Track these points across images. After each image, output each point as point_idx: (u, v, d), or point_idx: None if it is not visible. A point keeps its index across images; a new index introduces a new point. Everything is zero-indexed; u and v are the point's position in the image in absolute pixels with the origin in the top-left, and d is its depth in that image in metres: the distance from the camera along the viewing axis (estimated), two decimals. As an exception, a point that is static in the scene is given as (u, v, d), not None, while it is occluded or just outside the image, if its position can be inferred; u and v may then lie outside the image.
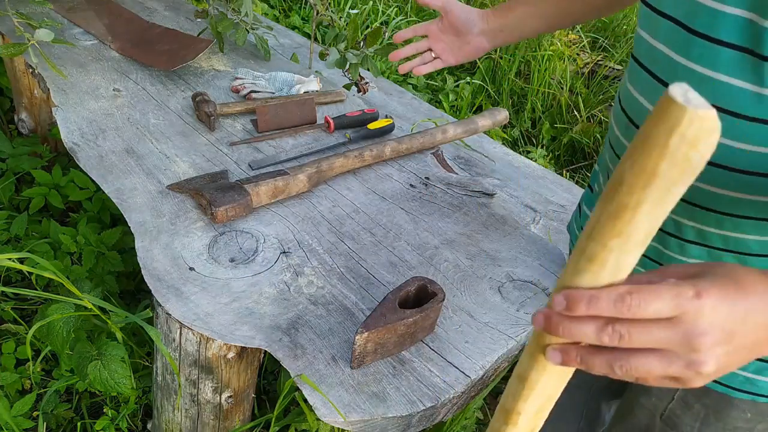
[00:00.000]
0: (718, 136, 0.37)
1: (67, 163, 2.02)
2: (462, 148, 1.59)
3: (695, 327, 0.44)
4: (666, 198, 0.40)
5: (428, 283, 0.98)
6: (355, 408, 0.88)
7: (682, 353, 0.45)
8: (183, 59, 1.62)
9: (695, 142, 0.37)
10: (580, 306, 0.45)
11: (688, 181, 0.39)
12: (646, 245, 0.44)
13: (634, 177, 0.40)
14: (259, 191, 1.19)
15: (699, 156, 0.38)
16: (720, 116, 0.59)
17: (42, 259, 1.07)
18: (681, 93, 0.36)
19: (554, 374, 0.50)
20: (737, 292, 0.46)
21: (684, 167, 0.38)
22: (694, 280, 0.45)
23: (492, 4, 3.43)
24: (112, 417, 1.41)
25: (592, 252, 0.44)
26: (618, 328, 0.45)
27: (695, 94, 0.36)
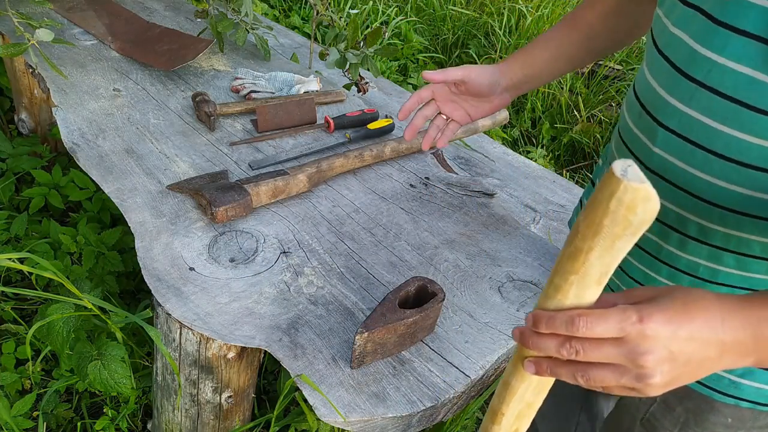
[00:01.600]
0: (654, 203, 0.46)
1: (67, 163, 2.02)
2: (462, 148, 1.59)
3: (638, 347, 0.51)
4: (613, 247, 0.49)
5: (428, 283, 0.98)
6: (355, 408, 0.88)
7: (631, 368, 0.52)
8: (183, 59, 1.62)
9: (632, 207, 0.46)
10: (542, 324, 0.54)
11: (631, 237, 0.48)
12: (600, 284, 0.52)
13: (585, 228, 0.49)
14: (259, 191, 1.19)
15: (638, 218, 0.46)
16: (736, 108, 0.63)
17: (42, 259, 1.07)
18: (621, 168, 0.45)
19: (532, 384, 0.59)
20: (683, 316, 0.52)
21: (625, 225, 0.47)
22: (644, 305, 0.52)
23: (491, 5, 3.43)
24: (112, 417, 1.41)
25: (557, 284, 0.53)
26: (574, 344, 0.53)
27: (635, 169, 0.45)
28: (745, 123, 0.63)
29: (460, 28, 3.43)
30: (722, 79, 0.64)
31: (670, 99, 0.70)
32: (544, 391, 0.61)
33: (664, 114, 0.71)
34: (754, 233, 0.68)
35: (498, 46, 3.25)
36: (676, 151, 0.71)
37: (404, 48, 3.23)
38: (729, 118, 0.64)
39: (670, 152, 0.71)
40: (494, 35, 3.33)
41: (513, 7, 3.35)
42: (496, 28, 3.29)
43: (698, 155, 0.68)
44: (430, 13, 3.54)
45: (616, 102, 3.17)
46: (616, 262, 0.50)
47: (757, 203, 0.65)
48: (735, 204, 0.67)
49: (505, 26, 3.28)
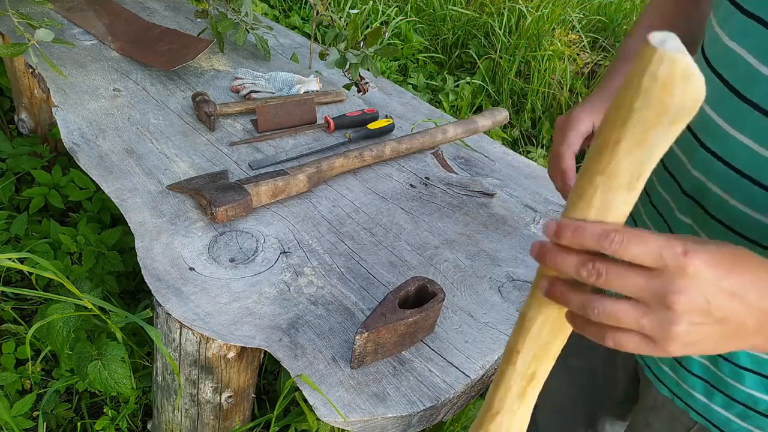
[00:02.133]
0: (696, 84, 0.38)
1: (67, 163, 2.02)
2: (462, 148, 1.59)
3: (673, 283, 0.44)
4: (645, 140, 0.41)
5: (428, 283, 0.98)
6: (355, 408, 0.88)
7: (656, 307, 0.45)
8: (183, 59, 1.62)
9: (668, 85, 0.38)
10: (567, 233, 0.46)
11: (668, 127, 0.40)
12: (632, 189, 0.44)
13: (614, 114, 0.41)
14: (259, 191, 1.19)
15: (676, 102, 0.39)
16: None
17: (42, 259, 1.07)
18: (660, 38, 0.38)
19: (550, 318, 0.52)
20: (732, 267, 0.45)
21: (659, 110, 0.39)
22: (691, 242, 0.45)
23: (491, 5, 3.43)
24: (112, 417, 1.41)
25: (581, 188, 0.45)
26: (598, 265, 0.45)
27: (675, 42, 0.38)
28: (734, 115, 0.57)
29: (460, 28, 3.43)
30: (728, 65, 0.57)
31: (716, 118, 0.62)
32: (564, 333, 0.54)
33: (708, 134, 0.63)
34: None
35: (498, 46, 3.25)
36: (717, 177, 0.62)
37: (404, 48, 3.23)
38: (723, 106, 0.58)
39: (709, 177, 0.63)
40: (494, 35, 3.33)
41: (513, 7, 3.35)
42: (496, 28, 3.29)
43: (741, 185, 0.60)
44: (430, 13, 3.54)
45: (616, 102, 3.17)
46: (650, 162, 0.42)
47: None
48: None
49: (505, 26, 3.28)
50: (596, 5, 3.69)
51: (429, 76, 3.21)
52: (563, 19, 3.41)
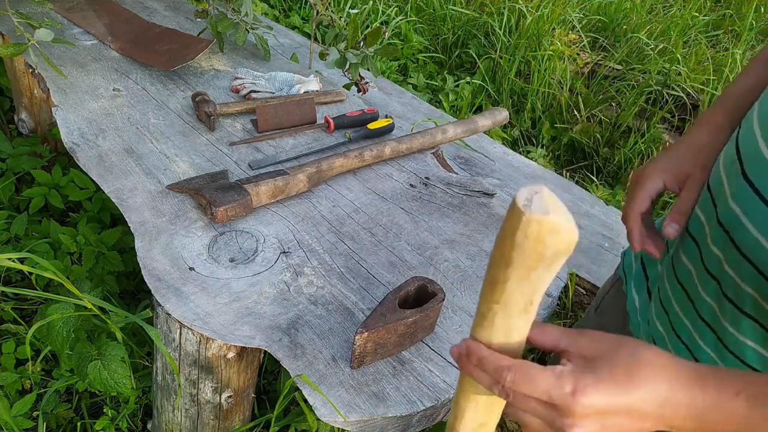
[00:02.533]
0: (565, 235, 0.42)
1: (67, 163, 2.02)
2: (462, 148, 1.59)
3: (565, 417, 0.48)
4: (529, 278, 0.45)
5: (428, 283, 0.98)
6: (355, 408, 0.88)
7: (550, 427, 0.49)
8: (183, 59, 1.62)
9: (540, 240, 0.42)
10: (473, 360, 0.51)
11: (547, 268, 0.44)
12: (527, 312, 0.48)
13: (497, 258, 0.45)
14: (259, 191, 1.19)
15: (550, 251, 0.43)
16: None
17: (42, 259, 1.07)
18: (526, 196, 0.41)
19: (480, 403, 0.55)
20: (624, 387, 0.48)
21: (536, 258, 0.43)
22: (582, 372, 0.48)
23: (491, 5, 3.43)
24: (112, 417, 1.41)
25: (483, 311, 0.49)
26: (506, 387, 0.49)
27: (541, 199, 0.41)
28: None
29: (460, 28, 3.43)
30: None
31: (765, 151, 0.60)
32: (497, 410, 0.57)
33: (752, 165, 0.61)
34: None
35: (498, 46, 3.25)
36: (752, 212, 0.60)
37: (404, 48, 3.23)
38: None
39: (745, 210, 0.61)
40: (494, 35, 3.33)
41: (513, 7, 3.35)
42: (496, 28, 3.29)
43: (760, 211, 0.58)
44: (430, 13, 3.54)
45: (616, 102, 3.17)
46: (539, 292, 0.47)
47: None
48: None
49: (505, 26, 3.28)
50: (596, 5, 3.69)
51: (429, 76, 3.21)
52: (563, 19, 3.41)
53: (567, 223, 0.42)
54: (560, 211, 0.42)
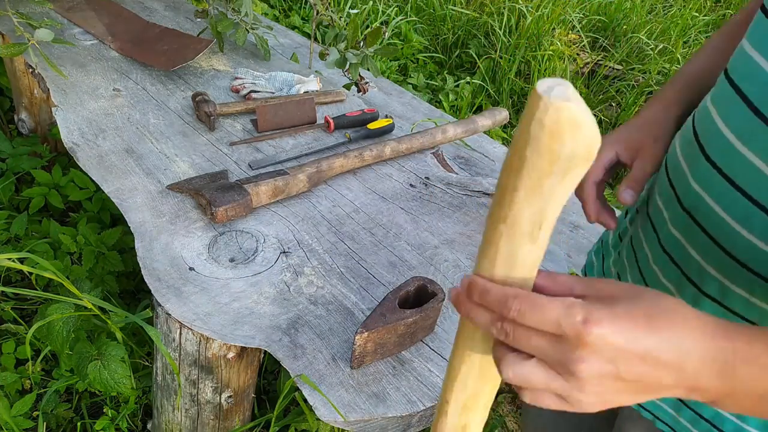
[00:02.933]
0: (587, 132, 0.37)
1: (67, 163, 2.02)
2: (462, 148, 1.59)
3: (573, 351, 0.43)
4: (541, 188, 0.40)
5: (428, 283, 0.98)
6: (355, 408, 0.88)
7: (562, 372, 0.44)
8: (183, 59, 1.62)
9: (557, 133, 0.37)
10: (475, 294, 0.46)
11: (562, 176, 0.39)
12: (534, 240, 0.43)
13: (509, 161, 0.40)
14: (259, 191, 1.19)
15: (566, 150, 0.38)
16: None
17: (42, 259, 1.07)
18: (548, 85, 0.37)
19: (474, 366, 0.50)
20: (643, 329, 0.43)
21: (550, 158, 0.38)
22: (597, 305, 0.43)
23: (491, 5, 3.43)
24: (112, 417, 1.41)
25: (487, 237, 0.44)
26: (505, 325, 0.45)
27: (564, 89, 0.37)
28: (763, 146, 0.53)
29: (460, 28, 3.43)
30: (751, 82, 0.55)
31: (724, 129, 0.60)
32: (492, 381, 0.52)
33: (712, 145, 0.61)
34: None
35: (498, 46, 3.25)
36: (716, 192, 0.60)
37: (404, 48, 3.23)
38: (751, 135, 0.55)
39: (708, 191, 0.61)
40: (494, 35, 3.33)
41: (513, 7, 3.35)
42: (496, 28, 3.29)
43: (740, 204, 0.57)
44: (430, 13, 3.54)
45: (616, 102, 3.17)
46: (551, 211, 0.41)
47: None
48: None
49: (505, 26, 3.28)
50: (596, 5, 3.69)
51: (429, 76, 3.21)
52: (563, 19, 3.41)
53: (589, 121, 0.37)
54: (583, 107, 0.37)
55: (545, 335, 0.44)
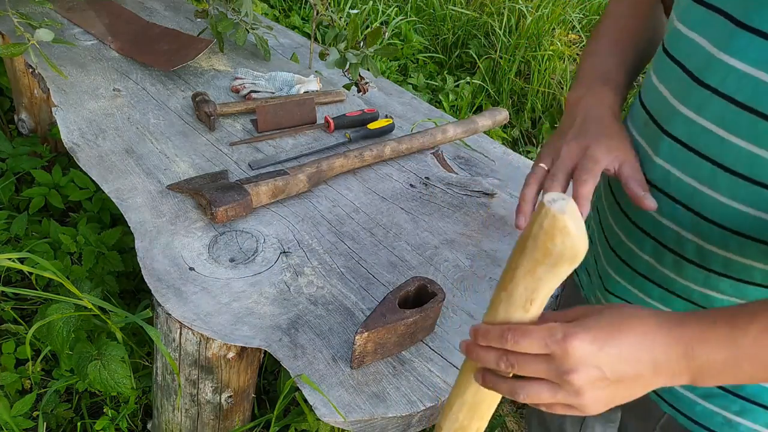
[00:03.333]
0: (573, 240, 0.47)
1: (67, 163, 2.02)
2: (462, 148, 1.59)
3: (563, 364, 0.52)
4: (535, 272, 0.51)
5: (428, 283, 0.98)
6: (355, 408, 0.88)
7: (562, 384, 0.53)
8: (183, 59, 1.62)
9: (550, 234, 0.48)
10: (479, 337, 0.56)
11: (551, 268, 0.50)
12: (526, 311, 0.54)
13: (517, 243, 0.51)
14: (259, 191, 1.19)
15: (557, 249, 0.48)
16: (752, 118, 0.58)
17: (42, 259, 1.07)
18: (552, 197, 0.48)
19: (466, 402, 0.62)
20: (610, 335, 0.52)
21: (544, 252, 0.49)
22: (571, 324, 0.53)
23: (491, 5, 3.43)
24: (112, 417, 1.41)
25: (493, 299, 0.56)
26: (509, 358, 0.54)
27: (563, 204, 0.47)
28: (761, 135, 0.58)
29: (460, 28, 3.43)
30: (739, 86, 0.59)
31: (679, 107, 0.66)
32: (479, 418, 0.62)
33: (672, 123, 0.67)
34: (757, 259, 0.63)
35: (498, 46, 3.25)
36: (681, 163, 0.66)
37: (404, 48, 3.23)
38: (743, 129, 0.59)
39: (674, 164, 0.67)
40: (494, 35, 3.33)
41: (513, 7, 3.35)
42: (496, 28, 3.29)
43: (705, 168, 0.63)
44: (430, 13, 3.54)
45: (616, 102, 3.17)
46: (540, 291, 0.52)
47: (764, 226, 0.61)
48: (740, 225, 0.62)
49: (505, 26, 3.28)
50: (596, 5, 3.68)
51: (429, 76, 3.20)
52: (563, 19, 3.41)
53: (578, 232, 0.48)
54: (578, 221, 0.48)
55: (540, 358, 0.53)
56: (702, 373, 0.54)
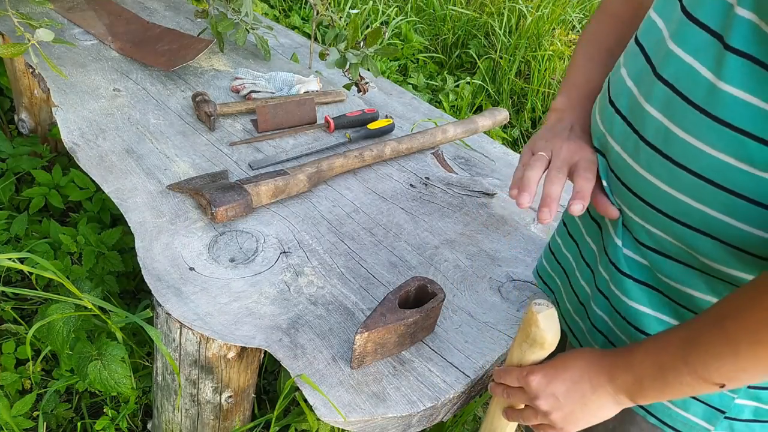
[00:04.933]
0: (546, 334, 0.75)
1: (67, 163, 2.02)
2: (462, 148, 1.59)
3: (529, 393, 0.75)
4: (521, 345, 0.79)
5: (428, 283, 0.98)
6: (355, 408, 0.88)
7: (536, 409, 0.75)
8: (183, 59, 1.62)
9: (529, 324, 0.76)
10: (496, 377, 0.83)
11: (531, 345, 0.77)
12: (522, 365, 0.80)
13: (519, 326, 0.80)
14: (259, 191, 1.19)
15: (533, 335, 0.76)
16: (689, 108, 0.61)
17: (42, 259, 1.07)
18: (543, 302, 0.75)
19: (496, 417, 0.87)
20: (558, 369, 0.73)
21: (527, 334, 0.77)
22: (536, 366, 0.76)
23: (491, 5, 3.43)
24: (112, 417, 1.41)
25: (509, 352, 0.83)
26: (507, 390, 0.80)
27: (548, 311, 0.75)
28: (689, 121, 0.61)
29: (460, 28, 3.43)
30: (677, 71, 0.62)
31: (635, 90, 0.69)
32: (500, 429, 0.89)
33: (628, 109, 0.70)
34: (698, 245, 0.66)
35: (498, 46, 3.25)
36: (630, 148, 0.69)
37: (404, 48, 3.23)
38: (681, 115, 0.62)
39: (624, 148, 0.70)
40: (494, 35, 3.33)
41: (513, 7, 3.35)
42: (496, 28, 3.29)
43: (647, 153, 0.67)
44: (430, 13, 3.54)
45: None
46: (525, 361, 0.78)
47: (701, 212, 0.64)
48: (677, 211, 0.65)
49: (505, 26, 3.28)
50: (596, 5, 3.68)
51: (429, 76, 3.21)
52: (563, 19, 3.41)
53: (546, 330, 0.75)
54: (552, 323, 0.75)
55: (520, 390, 0.77)
56: (631, 392, 0.68)
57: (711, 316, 0.61)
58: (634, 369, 0.67)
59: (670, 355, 0.63)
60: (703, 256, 0.66)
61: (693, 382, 0.62)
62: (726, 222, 0.61)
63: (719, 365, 0.59)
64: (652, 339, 0.67)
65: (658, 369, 0.64)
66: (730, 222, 0.61)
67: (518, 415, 0.80)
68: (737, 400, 0.70)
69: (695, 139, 0.61)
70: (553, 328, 0.74)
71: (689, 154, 0.62)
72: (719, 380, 0.60)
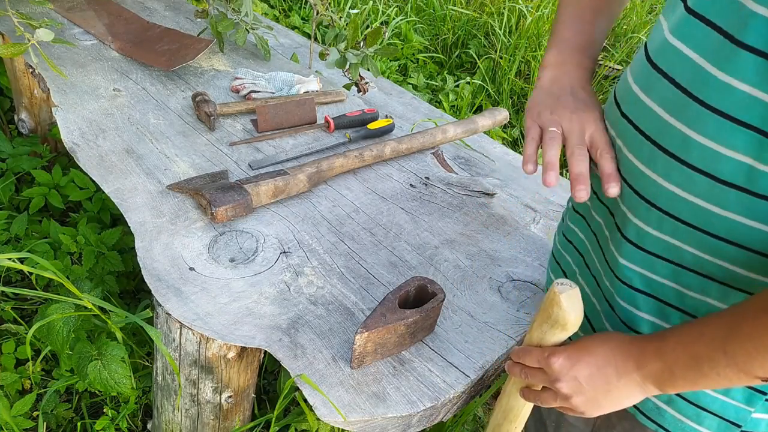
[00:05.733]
0: (564, 314, 0.71)
1: (67, 163, 2.02)
2: (462, 148, 1.59)
3: (550, 375, 0.73)
4: (542, 326, 0.76)
5: (428, 283, 0.98)
6: (355, 408, 0.88)
7: (556, 392, 0.73)
8: (183, 59, 1.62)
9: (551, 304, 0.73)
10: (513, 356, 0.80)
11: (551, 326, 0.74)
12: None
13: (539, 307, 0.77)
14: (259, 191, 1.19)
15: (554, 314, 0.73)
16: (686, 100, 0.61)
17: (42, 259, 1.07)
18: (562, 283, 0.71)
19: (511, 395, 0.85)
20: (581, 352, 0.70)
21: (548, 314, 0.74)
22: (556, 348, 0.73)
23: (491, 5, 3.43)
24: (112, 417, 1.41)
25: (528, 332, 0.80)
26: (525, 370, 0.77)
27: (571, 290, 0.71)
28: (691, 118, 0.61)
29: (460, 28, 3.43)
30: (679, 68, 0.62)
31: (634, 86, 0.70)
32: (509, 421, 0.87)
33: (626, 102, 0.71)
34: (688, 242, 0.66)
35: (498, 46, 3.25)
36: (629, 141, 0.70)
37: (404, 48, 3.23)
38: (680, 110, 0.62)
39: (624, 141, 0.71)
40: (494, 35, 3.33)
41: (513, 7, 3.35)
42: (496, 28, 3.29)
43: (645, 146, 0.67)
44: (430, 13, 3.54)
45: (616, 102, 3.17)
46: (546, 341, 0.76)
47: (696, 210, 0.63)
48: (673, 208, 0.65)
49: (505, 26, 3.28)
50: (596, 5, 3.68)
51: (429, 76, 3.20)
52: (563, 19, 3.40)
53: (568, 311, 0.71)
54: (575, 303, 0.71)
55: (540, 371, 0.75)
56: (660, 381, 0.65)
57: (754, 306, 0.58)
58: (666, 357, 0.64)
59: (705, 345, 0.60)
60: (729, 263, 0.63)
61: (731, 375, 0.59)
62: (751, 227, 0.60)
63: (764, 358, 0.56)
64: (685, 326, 0.64)
65: (691, 358, 0.61)
66: (755, 226, 0.59)
67: (536, 396, 0.77)
68: (754, 414, 0.68)
69: (713, 141, 0.60)
70: (576, 309, 0.71)
71: (708, 158, 0.60)
72: (763, 374, 0.57)
